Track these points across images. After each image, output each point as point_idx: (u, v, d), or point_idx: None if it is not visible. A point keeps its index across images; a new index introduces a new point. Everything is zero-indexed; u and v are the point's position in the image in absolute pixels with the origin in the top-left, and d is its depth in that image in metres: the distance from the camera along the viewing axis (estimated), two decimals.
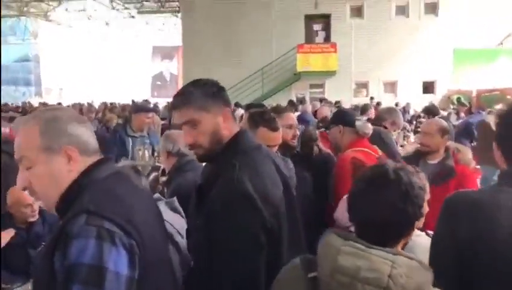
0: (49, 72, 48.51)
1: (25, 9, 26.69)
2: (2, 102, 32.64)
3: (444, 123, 3.62)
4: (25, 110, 14.90)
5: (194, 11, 21.22)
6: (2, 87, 44.64)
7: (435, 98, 18.99)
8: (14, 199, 2.91)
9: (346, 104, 15.42)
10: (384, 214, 1.35)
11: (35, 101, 30.50)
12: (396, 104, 15.73)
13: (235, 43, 20.38)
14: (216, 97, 1.77)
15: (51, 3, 26.65)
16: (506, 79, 16.81)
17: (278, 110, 3.41)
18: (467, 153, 3.90)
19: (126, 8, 28.22)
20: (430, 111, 9.16)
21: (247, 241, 1.60)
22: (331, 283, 1.30)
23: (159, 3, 26.11)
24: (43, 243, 1.44)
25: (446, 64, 19.42)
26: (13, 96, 46.10)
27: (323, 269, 1.33)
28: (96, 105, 18.95)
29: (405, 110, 14.11)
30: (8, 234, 2.86)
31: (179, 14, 23.63)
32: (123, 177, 1.53)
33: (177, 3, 24.19)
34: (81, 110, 12.94)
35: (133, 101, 23.13)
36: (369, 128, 3.45)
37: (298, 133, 3.51)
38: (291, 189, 1.88)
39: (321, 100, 12.19)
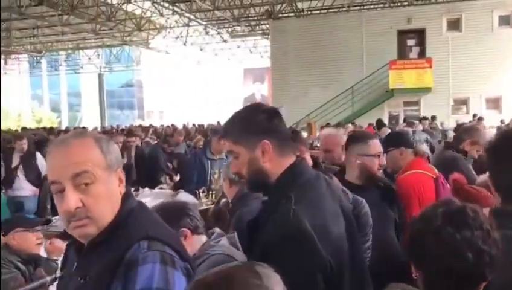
0: (150, 96, 51.72)
1: (128, 38, 28.62)
2: (108, 124, 35.24)
3: None
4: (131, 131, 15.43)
5: (283, 32, 21.42)
6: (108, 111, 48.29)
7: None
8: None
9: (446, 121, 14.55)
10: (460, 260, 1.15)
11: (137, 123, 32.51)
12: (502, 122, 14.49)
13: (325, 61, 20.20)
14: (254, 130, 1.61)
15: (151, 32, 28.33)
16: None
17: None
18: None
19: (219, 33, 29.22)
20: None
21: (302, 283, 1.39)
22: None
23: (250, 27, 26.71)
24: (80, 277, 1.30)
25: None
26: (118, 118, 49.62)
27: None
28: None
29: (507, 127, 12.91)
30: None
31: (269, 36, 23.96)
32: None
33: (267, 25, 24.58)
34: (172, 133, 13.44)
35: (218, 123, 23.77)
36: (426, 148, 3.25)
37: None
38: (353, 225, 1.69)
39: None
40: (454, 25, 19.50)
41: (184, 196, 3.86)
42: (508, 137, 1.55)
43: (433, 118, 14.80)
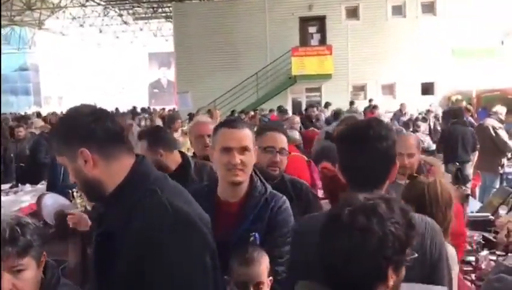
0: (48, 80, 48.36)
1: (18, 18, 26.36)
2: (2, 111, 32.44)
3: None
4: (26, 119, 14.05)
5: (186, 16, 20.87)
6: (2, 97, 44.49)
7: (434, 99, 18.54)
8: None
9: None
10: (344, 262, 1.24)
11: (33, 111, 30.22)
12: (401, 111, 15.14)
13: (229, 48, 19.99)
14: (71, 138, 1.49)
15: (43, 12, 26.31)
16: (507, 78, 16.29)
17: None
18: (438, 167, 3.41)
19: (120, 15, 27.88)
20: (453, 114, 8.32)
21: (193, 265, 1.45)
22: None
23: (152, 9, 25.75)
24: None
25: (445, 64, 18.95)
26: (12, 105, 45.93)
27: None
28: None
29: (401, 112, 13.62)
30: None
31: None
32: None
33: (170, 8, 23.82)
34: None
35: (134, 108, 22.79)
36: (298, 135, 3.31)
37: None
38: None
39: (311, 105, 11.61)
40: (353, 13, 20.18)
41: (51, 198, 3.42)
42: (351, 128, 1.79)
43: (327, 104, 15.24)
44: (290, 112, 14.07)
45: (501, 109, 7.68)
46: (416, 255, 1.34)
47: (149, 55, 45.91)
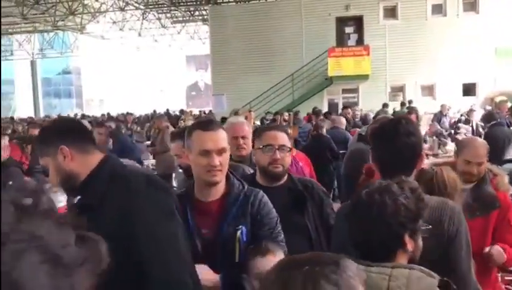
0: (89, 83, 49.71)
1: (61, 23, 27.19)
2: (44, 114, 33.55)
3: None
4: None
5: (223, 18, 20.99)
6: (45, 100, 46.05)
7: (476, 101, 17.93)
8: None
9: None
10: (366, 233, 1.49)
11: (76, 113, 31.08)
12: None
13: (264, 49, 19.98)
14: (50, 140, 1.78)
15: (84, 17, 27.05)
16: None
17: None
18: (502, 176, 3.23)
19: (158, 18, 28.34)
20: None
21: (172, 239, 1.70)
22: None
23: (189, 12, 26.05)
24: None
25: (488, 64, 18.31)
26: (55, 108, 47.47)
27: None
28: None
29: (442, 114, 13.20)
30: None
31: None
32: None
33: (207, 11, 24.03)
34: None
35: (167, 110, 23.15)
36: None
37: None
38: None
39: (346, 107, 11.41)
40: (391, 13, 19.79)
41: None
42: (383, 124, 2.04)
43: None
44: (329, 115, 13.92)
45: None
46: (430, 226, 1.62)
47: (186, 58, 46.55)
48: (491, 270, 2.72)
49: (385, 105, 14.74)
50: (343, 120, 8.95)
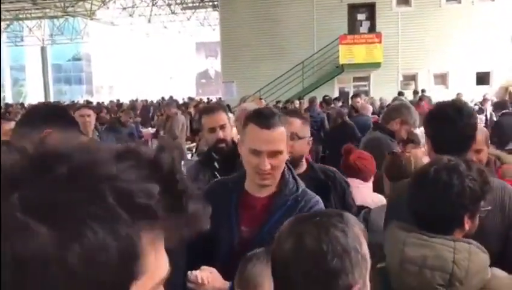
0: (99, 70, 49.77)
1: (71, 9, 27.12)
2: (55, 100, 33.64)
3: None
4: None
5: (232, 5, 20.74)
6: (56, 86, 46.18)
7: (490, 90, 17.61)
8: None
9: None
10: (429, 207, 1.54)
11: (88, 99, 31.09)
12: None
13: (275, 36, 19.74)
14: (33, 122, 1.73)
15: (94, 2, 26.94)
16: None
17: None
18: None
19: (168, 4, 28.14)
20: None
21: None
22: (400, 272, 1.45)
23: None
24: None
25: (503, 52, 17.94)
26: (65, 94, 47.62)
27: (393, 260, 1.50)
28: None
29: None
30: None
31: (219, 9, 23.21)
32: None
33: None
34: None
35: (170, 97, 22.97)
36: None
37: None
38: None
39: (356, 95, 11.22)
40: None
41: None
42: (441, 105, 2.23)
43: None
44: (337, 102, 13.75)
45: None
46: (490, 207, 1.68)
47: (196, 45, 46.33)
48: None
49: (400, 93, 14.52)
50: (370, 107, 8.75)
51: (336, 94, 18.55)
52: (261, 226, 1.83)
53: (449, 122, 2.06)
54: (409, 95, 15.52)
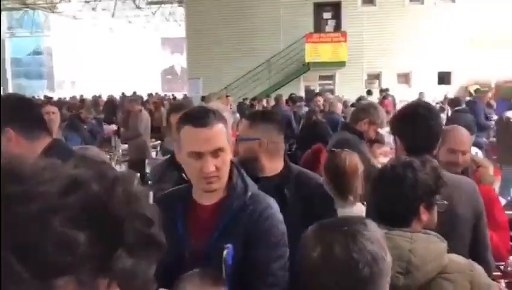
0: (61, 65, 48.42)
1: (30, 1, 26.23)
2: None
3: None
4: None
5: (199, 1, 20.53)
6: (15, 81, 44.70)
7: (451, 89, 18.08)
8: None
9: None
10: (387, 201, 1.70)
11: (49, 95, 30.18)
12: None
13: (241, 33, 19.66)
14: None
15: None
16: None
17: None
18: (489, 168, 3.08)
19: None
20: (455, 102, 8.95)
21: None
22: None
23: None
24: None
25: (463, 53, 18.44)
26: (25, 89, 46.15)
27: None
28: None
29: None
30: None
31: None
32: None
33: None
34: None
35: (122, 94, 22.33)
36: None
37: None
38: None
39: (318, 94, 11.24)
40: None
41: None
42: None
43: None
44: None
45: None
46: (446, 202, 1.80)
47: (162, 41, 45.71)
48: None
49: (369, 92, 14.69)
50: (339, 105, 8.63)
51: (302, 92, 18.67)
52: (210, 236, 1.69)
53: (422, 121, 2.18)
54: (375, 94, 15.76)
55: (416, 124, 2.20)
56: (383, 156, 3.91)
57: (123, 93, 22.40)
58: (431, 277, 1.53)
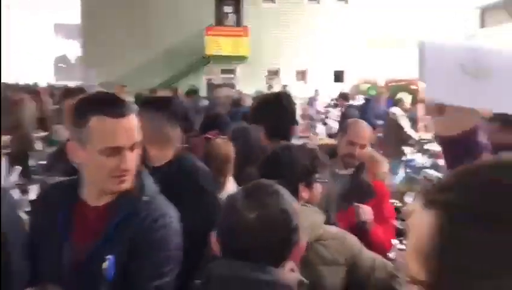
0: None
1: None
2: None
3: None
4: None
5: None
6: None
7: (345, 87, 18.98)
8: None
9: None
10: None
11: None
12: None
13: (140, 22, 19.00)
14: None
15: None
16: (414, 69, 17.01)
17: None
18: (380, 163, 3.18)
19: None
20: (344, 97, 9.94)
21: None
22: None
23: None
24: None
25: (356, 52, 19.43)
26: None
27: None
28: None
29: (314, 99, 13.74)
30: None
31: None
32: None
33: None
34: None
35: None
36: None
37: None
38: None
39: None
40: None
41: None
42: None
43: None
44: (204, 94, 13.70)
45: (406, 98, 7.84)
46: (327, 180, 1.92)
47: (55, 27, 42.94)
48: None
49: (270, 88, 14.94)
50: (248, 98, 8.46)
51: (204, 85, 18.54)
52: (93, 243, 1.44)
53: (283, 109, 2.40)
54: (275, 90, 16.06)
55: (278, 112, 2.42)
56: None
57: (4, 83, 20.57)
58: (308, 246, 1.64)
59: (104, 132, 1.38)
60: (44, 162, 3.61)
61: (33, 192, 3.44)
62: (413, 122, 7.88)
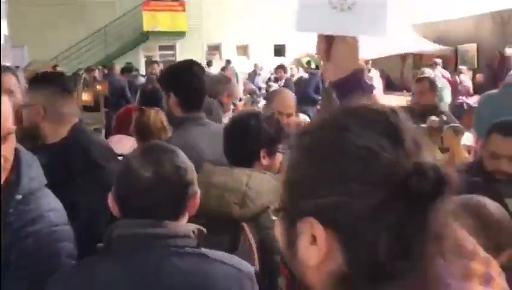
0: None
1: None
2: None
3: None
4: None
5: None
6: None
7: (286, 61, 19.01)
8: None
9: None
10: (233, 144, 1.97)
11: None
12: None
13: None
14: None
15: None
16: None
17: None
18: None
19: None
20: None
21: None
22: (206, 196, 1.60)
23: None
24: None
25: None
26: None
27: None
28: None
29: (255, 73, 13.68)
30: None
31: None
32: None
33: None
34: None
35: None
36: None
37: None
38: None
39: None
40: None
41: None
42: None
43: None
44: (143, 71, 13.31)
45: None
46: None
47: None
48: None
49: (209, 63, 14.65)
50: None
51: (142, 62, 18.00)
52: None
53: (196, 77, 2.38)
54: (216, 65, 15.81)
55: (192, 80, 2.37)
56: None
57: None
58: (263, 209, 1.72)
59: None
60: None
61: None
62: None
